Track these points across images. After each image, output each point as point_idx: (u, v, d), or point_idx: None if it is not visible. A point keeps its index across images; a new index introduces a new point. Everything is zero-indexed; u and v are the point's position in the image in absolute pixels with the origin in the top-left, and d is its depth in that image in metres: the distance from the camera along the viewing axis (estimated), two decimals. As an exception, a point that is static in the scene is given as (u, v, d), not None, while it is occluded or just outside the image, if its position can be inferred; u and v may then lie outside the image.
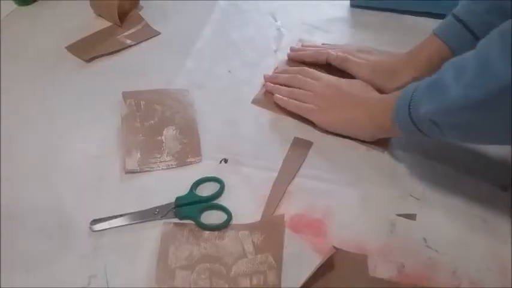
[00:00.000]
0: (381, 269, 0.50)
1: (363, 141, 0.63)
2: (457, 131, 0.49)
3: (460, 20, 0.61)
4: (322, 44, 0.79)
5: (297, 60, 0.76)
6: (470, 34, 0.61)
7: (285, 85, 0.69)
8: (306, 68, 0.70)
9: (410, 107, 0.52)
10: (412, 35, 0.68)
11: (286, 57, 0.77)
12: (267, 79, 0.71)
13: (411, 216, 0.55)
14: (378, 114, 0.59)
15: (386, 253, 0.52)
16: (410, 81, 0.63)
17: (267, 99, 0.70)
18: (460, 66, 0.47)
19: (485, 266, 0.51)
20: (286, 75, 0.70)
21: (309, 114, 0.64)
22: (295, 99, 0.66)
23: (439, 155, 0.60)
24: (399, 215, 0.55)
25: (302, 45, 0.78)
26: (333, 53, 0.71)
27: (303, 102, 0.65)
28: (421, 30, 0.66)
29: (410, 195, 0.57)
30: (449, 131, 0.50)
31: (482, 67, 0.44)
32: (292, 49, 0.77)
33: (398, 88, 0.63)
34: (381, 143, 0.62)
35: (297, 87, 0.67)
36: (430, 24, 0.67)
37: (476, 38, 0.60)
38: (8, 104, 0.68)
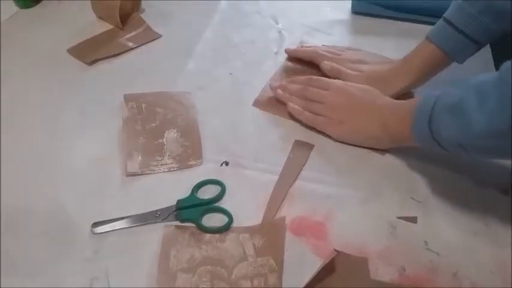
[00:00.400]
0: (381, 272, 0.50)
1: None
2: (483, 153, 0.50)
3: (451, 23, 0.61)
4: (323, 46, 0.79)
5: (294, 57, 0.76)
6: (462, 36, 0.61)
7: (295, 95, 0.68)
8: (314, 76, 0.68)
9: (431, 125, 0.51)
10: (412, 39, 0.68)
11: (286, 59, 0.77)
12: (276, 87, 0.70)
13: (412, 219, 0.55)
14: (393, 126, 0.58)
15: (387, 256, 0.52)
16: (404, 88, 0.65)
17: (268, 101, 0.70)
18: (482, 92, 0.46)
19: (486, 269, 0.51)
20: (296, 86, 0.68)
21: (323, 128, 0.64)
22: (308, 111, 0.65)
23: (440, 157, 0.60)
24: (400, 218, 0.55)
25: (301, 46, 0.79)
26: (327, 63, 0.71)
27: (316, 114, 0.64)
28: (421, 35, 0.66)
29: (411, 198, 0.57)
30: (475, 153, 0.50)
31: (505, 96, 0.43)
32: (287, 51, 0.77)
33: (393, 95, 0.64)
34: (382, 146, 0.62)
35: (309, 99, 0.66)
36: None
37: (469, 39, 0.61)
38: (9, 106, 0.69)
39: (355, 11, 0.87)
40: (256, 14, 0.88)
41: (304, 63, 0.76)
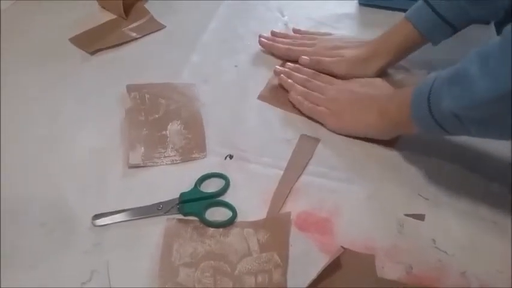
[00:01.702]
0: (388, 270, 0.49)
1: (370, 139, 0.61)
2: (481, 125, 0.47)
3: (428, 3, 0.62)
4: (293, 29, 0.79)
5: (267, 51, 0.76)
6: (438, 17, 0.61)
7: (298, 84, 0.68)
8: (321, 74, 0.69)
9: (430, 102, 0.50)
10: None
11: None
12: (280, 73, 0.70)
13: (420, 217, 0.54)
14: (391, 113, 0.57)
15: (394, 254, 0.51)
16: (383, 66, 0.67)
17: (273, 95, 0.69)
18: (485, 57, 0.45)
19: (495, 268, 0.50)
20: (301, 76, 0.69)
21: (322, 118, 0.64)
22: (309, 101, 0.65)
23: (449, 154, 0.59)
24: (407, 215, 0.54)
25: (271, 34, 0.78)
26: (305, 58, 0.71)
27: (316, 105, 0.64)
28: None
29: (419, 195, 0.56)
30: (472, 125, 0.48)
31: (508, 56, 0.42)
32: (261, 43, 0.76)
33: (374, 74, 0.66)
34: (389, 141, 0.61)
35: (310, 89, 0.66)
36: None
37: (444, 21, 0.61)
38: (10, 96, 0.67)
39: (362, 3, 0.86)
40: (262, 7, 0.87)
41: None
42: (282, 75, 0.69)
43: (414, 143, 0.60)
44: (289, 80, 0.68)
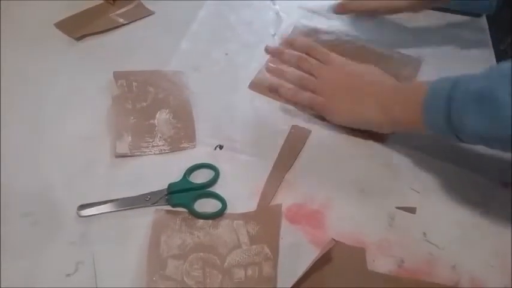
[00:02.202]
0: (379, 263, 0.49)
1: (362, 132, 0.60)
2: (505, 145, 0.46)
3: None
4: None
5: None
6: None
7: (291, 63, 0.64)
8: (317, 45, 0.65)
9: (451, 113, 0.47)
10: (413, 23, 0.67)
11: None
12: (271, 51, 0.66)
13: (411, 210, 0.54)
14: (396, 111, 0.54)
15: (385, 247, 0.50)
16: (405, 8, 0.68)
17: (265, 84, 0.67)
18: None
19: (486, 262, 0.50)
20: (294, 52, 0.64)
21: (319, 110, 0.61)
22: (302, 87, 0.62)
23: (441, 148, 0.59)
24: (399, 208, 0.54)
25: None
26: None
27: (308, 89, 0.61)
28: (422, 18, 0.65)
29: (411, 188, 0.56)
30: (496, 145, 0.47)
31: None
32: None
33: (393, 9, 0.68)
34: (381, 134, 0.60)
35: (304, 70, 0.63)
36: (429, 13, 0.67)
37: None
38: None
39: None
40: (253, -6, 0.85)
41: None
42: (270, 64, 0.66)
43: (407, 137, 0.59)
44: (281, 80, 0.64)
